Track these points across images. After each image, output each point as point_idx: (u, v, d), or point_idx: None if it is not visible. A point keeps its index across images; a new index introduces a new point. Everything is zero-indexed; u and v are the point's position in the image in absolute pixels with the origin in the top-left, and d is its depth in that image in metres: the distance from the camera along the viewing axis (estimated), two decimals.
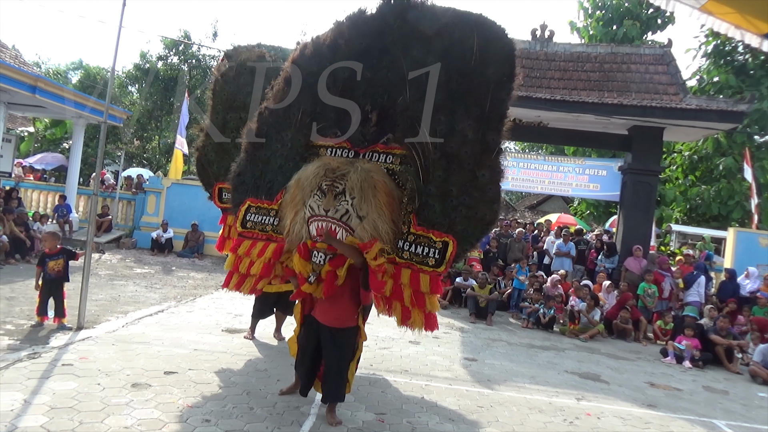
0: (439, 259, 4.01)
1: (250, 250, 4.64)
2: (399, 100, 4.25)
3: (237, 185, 4.85)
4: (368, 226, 3.94)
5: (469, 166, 4.03)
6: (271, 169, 4.66)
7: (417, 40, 4.21)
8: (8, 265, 9.86)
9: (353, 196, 3.94)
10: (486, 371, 6.41)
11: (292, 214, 4.21)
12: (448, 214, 4.04)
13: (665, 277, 10.72)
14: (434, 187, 4.07)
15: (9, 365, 4.75)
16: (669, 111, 11.48)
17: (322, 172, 4.08)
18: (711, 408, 6.08)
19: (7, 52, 14.50)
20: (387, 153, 4.34)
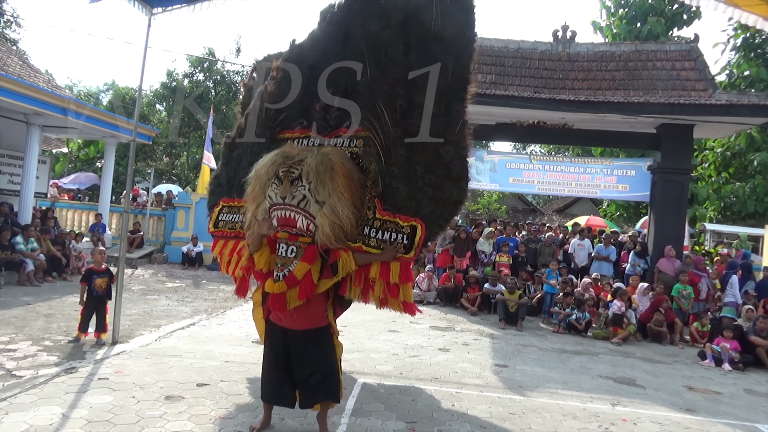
0: (408, 245, 3.87)
1: (223, 250, 4.69)
2: (360, 80, 4.15)
3: (214, 188, 4.93)
4: (327, 210, 3.75)
5: (432, 143, 3.90)
6: (243, 168, 4.57)
7: (374, 14, 4.11)
8: (46, 283, 10.16)
9: (309, 181, 3.76)
10: (517, 377, 6.32)
11: (253, 207, 4.06)
12: (414, 196, 3.90)
13: (701, 277, 10.44)
14: (397, 168, 3.93)
15: (48, 380, 4.88)
16: (698, 107, 11.23)
17: (279, 160, 3.91)
18: (753, 412, 5.88)
19: (40, 76, 15.00)
20: (350, 137, 4.23)
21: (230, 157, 4.78)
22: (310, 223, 3.75)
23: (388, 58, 4.01)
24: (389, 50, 4.02)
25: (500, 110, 12.39)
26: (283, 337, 3.88)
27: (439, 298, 10.97)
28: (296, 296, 3.68)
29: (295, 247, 3.71)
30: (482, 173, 13.78)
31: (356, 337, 7.52)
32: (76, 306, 8.08)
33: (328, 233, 3.73)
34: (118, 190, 21.85)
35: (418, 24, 3.98)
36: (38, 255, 10.25)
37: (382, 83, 4.01)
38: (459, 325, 9.22)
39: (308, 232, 3.75)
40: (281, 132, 4.52)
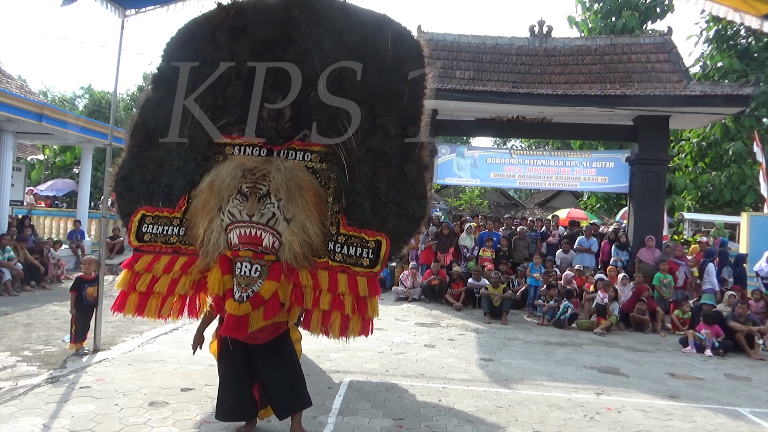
0: (374, 259, 3.84)
1: (152, 265, 4.00)
2: (311, 95, 4.04)
3: (123, 192, 4.21)
4: (296, 228, 3.68)
5: (396, 161, 3.91)
6: (167, 172, 4.11)
7: (328, 33, 4.06)
8: (24, 292, 9.96)
9: (279, 198, 3.67)
10: (503, 371, 6.36)
11: (205, 222, 3.78)
12: (379, 212, 3.89)
13: (680, 266, 10.62)
14: (361, 185, 3.90)
15: (28, 391, 4.79)
16: (673, 99, 11.41)
17: (239, 173, 3.72)
18: (734, 396, 5.99)
19: (12, 82, 14.71)
20: (305, 150, 4.06)
21: (144, 157, 4.15)
22: (276, 240, 3.67)
23: (344, 78, 3.97)
24: (345, 71, 3.97)
25: (479, 106, 12.46)
26: (243, 352, 3.80)
27: (423, 294, 10.99)
28: (260, 317, 3.61)
29: (259, 266, 3.63)
30: (463, 169, 13.84)
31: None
32: (56, 315, 7.99)
33: (296, 251, 3.66)
34: (96, 195, 21.53)
35: (373, 51, 4.00)
36: (15, 264, 10.05)
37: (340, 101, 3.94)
38: (444, 321, 9.25)
39: (273, 249, 3.68)
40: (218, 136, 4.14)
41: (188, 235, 4.00)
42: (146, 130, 4.16)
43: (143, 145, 4.16)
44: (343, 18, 4.09)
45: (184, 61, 4.14)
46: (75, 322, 6.17)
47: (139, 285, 3.98)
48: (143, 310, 3.98)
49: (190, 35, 4.27)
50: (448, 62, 12.96)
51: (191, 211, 3.95)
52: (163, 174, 4.12)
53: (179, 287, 3.93)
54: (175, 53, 4.26)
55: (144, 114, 4.24)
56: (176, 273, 3.94)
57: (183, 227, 4.04)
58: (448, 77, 12.49)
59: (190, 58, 4.17)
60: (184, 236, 4.01)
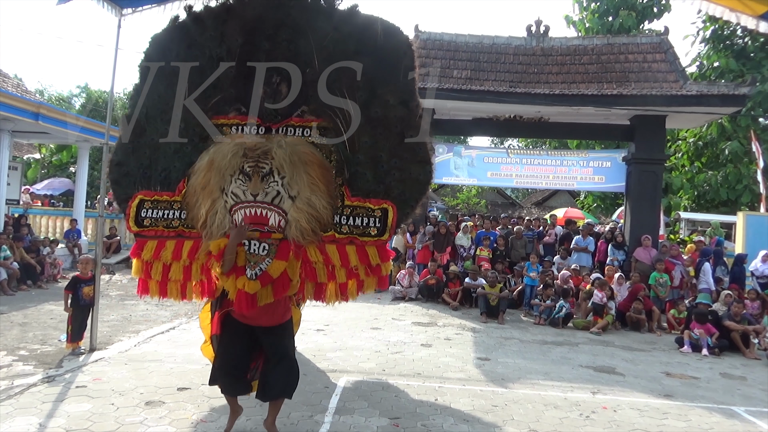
0: (381, 228, 3.87)
1: (160, 252, 3.95)
2: (307, 71, 4.07)
3: (118, 178, 4.14)
4: (302, 205, 3.67)
5: (396, 129, 3.96)
6: (164, 156, 4.06)
7: (320, 14, 4.13)
8: (20, 292, 9.94)
9: (283, 175, 3.66)
10: (499, 370, 6.37)
11: (207, 204, 3.75)
12: (382, 179, 3.92)
13: (675, 265, 10.64)
14: (363, 154, 3.93)
15: (24, 390, 4.79)
16: (670, 98, 11.44)
17: (240, 152, 3.70)
18: (729, 395, 6.02)
19: (9, 81, 14.67)
20: (303, 126, 4.05)
21: (139, 142, 4.09)
22: (282, 219, 3.68)
23: (338, 54, 4.01)
24: (338, 47, 4.02)
25: (476, 105, 12.47)
26: (244, 329, 3.80)
27: (420, 293, 11.00)
28: (269, 294, 3.62)
29: (267, 245, 3.64)
30: (460, 168, 13.85)
31: (338, 336, 7.51)
32: (52, 314, 7.97)
33: (304, 227, 3.66)
34: (93, 194, 21.49)
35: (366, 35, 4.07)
36: (11, 263, 10.03)
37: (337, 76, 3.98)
38: (441, 320, 9.26)
39: (279, 228, 3.68)
40: (213, 117, 4.09)
41: (189, 218, 3.96)
42: (138, 117, 4.13)
43: (137, 131, 4.12)
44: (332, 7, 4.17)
45: (172, 45, 4.13)
46: (71, 322, 6.15)
47: (153, 274, 3.96)
48: (165, 293, 4.04)
49: (177, 22, 4.28)
50: (445, 62, 12.97)
51: (189, 191, 3.90)
52: (159, 158, 4.07)
53: (194, 275, 3.94)
54: (163, 39, 4.24)
55: (135, 102, 4.21)
56: (186, 260, 3.90)
57: (184, 210, 4.00)
58: (445, 77, 12.50)
59: (177, 42, 4.14)
60: (186, 219, 3.98)
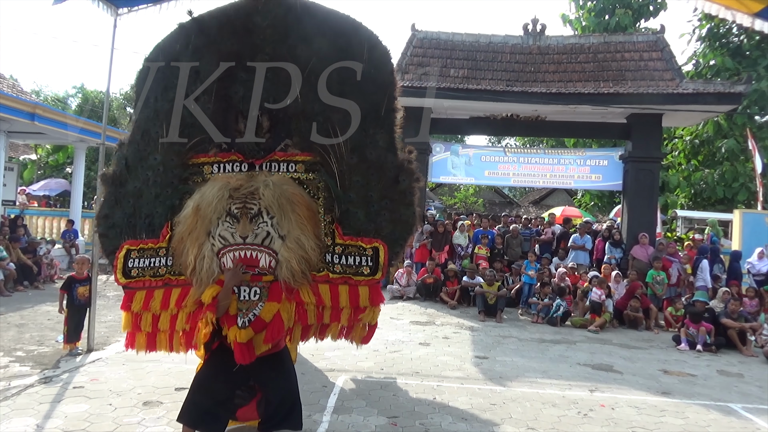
0: (374, 266, 3.79)
1: (149, 303, 3.78)
2: (289, 103, 3.91)
3: (106, 231, 4.00)
4: (292, 244, 3.58)
5: (391, 173, 3.87)
6: (146, 203, 3.92)
7: (299, 40, 3.93)
8: (17, 292, 9.92)
9: (272, 216, 3.57)
10: (497, 368, 6.38)
11: (195, 249, 3.62)
12: (373, 219, 3.84)
13: (672, 263, 10.67)
14: (354, 193, 3.82)
15: (21, 391, 4.78)
16: (666, 97, 11.46)
17: (225, 194, 3.59)
18: (726, 392, 6.04)
19: (4, 81, 14.64)
20: (288, 161, 3.90)
21: (121, 192, 3.97)
22: (272, 260, 3.59)
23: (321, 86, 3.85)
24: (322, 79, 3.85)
25: (473, 104, 12.48)
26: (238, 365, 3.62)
27: (418, 292, 11.00)
28: (262, 341, 3.54)
29: (258, 288, 3.57)
30: (458, 167, 13.85)
31: None
32: (49, 315, 7.95)
33: (295, 268, 3.57)
34: (90, 195, 21.42)
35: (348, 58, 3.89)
36: (8, 264, 10.00)
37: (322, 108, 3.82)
38: (439, 319, 9.26)
39: (270, 269, 3.60)
40: (194, 156, 3.94)
41: (176, 264, 3.83)
42: (121, 168, 4.00)
43: (120, 182, 4.00)
44: (312, 24, 3.94)
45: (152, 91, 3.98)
46: (67, 322, 6.15)
47: (143, 326, 3.81)
48: (154, 346, 3.88)
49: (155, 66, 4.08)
50: (442, 61, 12.96)
51: (176, 239, 3.78)
52: (142, 205, 3.93)
53: (179, 324, 3.78)
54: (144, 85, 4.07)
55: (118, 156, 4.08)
56: (173, 309, 3.76)
57: (170, 256, 3.83)
58: (442, 76, 12.49)
59: (157, 85, 3.99)
60: (173, 266, 3.82)
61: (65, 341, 6.12)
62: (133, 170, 3.96)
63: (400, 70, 12.65)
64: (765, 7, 5.37)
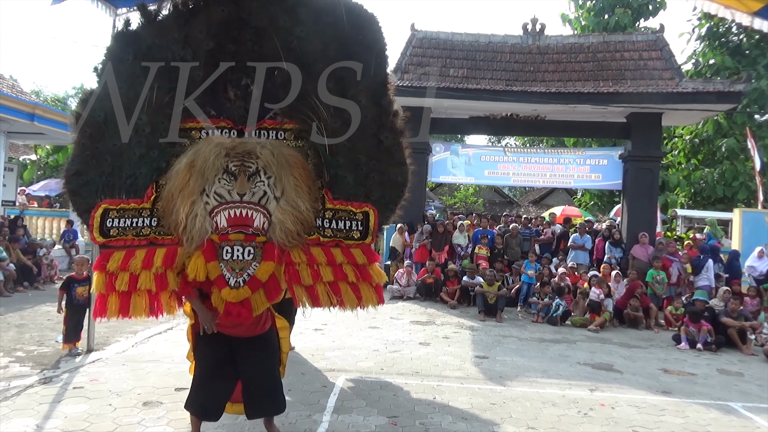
0: (364, 231, 3.81)
1: (128, 262, 3.61)
2: (275, 73, 3.89)
3: (77, 188, 3.77)
4: (287, 206, 3.57)
5: (371, 130, 3.85)
6: (128, 162, 3.76)
7: (282, 11, 3.89)
8: (17, 293, 9.92)
9: (269, 176, 3.57)
10: (497, 368, 6.38)
11: (186, 207, 3.52)
12: (362, 182, 3.84)
13: (673, 262, 10.67)
14: (342, 157, 3.82)
15: (21, 391, 4.77)
16: (666, 96, 11.47)
17: (222, 152, 3.56)
18: (726, 391, 6.03)
19: (4, 82, 14.61)
20: (277, 129, 3.92)
21: (99, 149, 3.76)
22: (266, 221, 3.58)
23: (305, 53, 3.84)
24: (305, 45, 3.84)
25: (473, 104, 12.49)
26: (227, 344, 3.67)
27: (418, 292, 11.00)
28: (264, 300, 3.52)
29: (252, 248, 3.53)
30: (457, 167, 13.86)
31: (336, 335, 7.51)
32: (49, 316, 7.95)
33: (289, 229, 3.57)
34: None
35: (331, 23, 3.87)
36: (7, 265, 10.00)
37: (307, 77, 3.81)
38: (439, 319, 9.26)
39: (263, 230, 3.58)
40: (182, 121, 3.85)
41: (162, 225, 3.74)
42: (96, 121, 3.79)
43: (95, 137, 3.78)
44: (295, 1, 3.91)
45: (132, 49, 3.85)
46: (66, 322, 6.15)
47: (118, 285, 3.59)
48: (128, 310, 3.62)
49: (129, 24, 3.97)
50: (441, 60, 12.97)
51: (165, 197, 3.69)
52: (123, 164, 3.77)
53: (171, 282, 3.65)
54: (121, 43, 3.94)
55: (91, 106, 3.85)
56: (159, 268, 3.61)
57: (155, 217, 3.73)
58: (441, 75, 12.50)
59: (137, 46, 3.87)
60: (158, 226, 3.71)
61: (64, 341, 6.12)
62: (112, 126, 3.78)
63: (399, 69, 12.70)
64: (764, 6, 5.37)
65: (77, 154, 3.81)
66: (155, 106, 3.76)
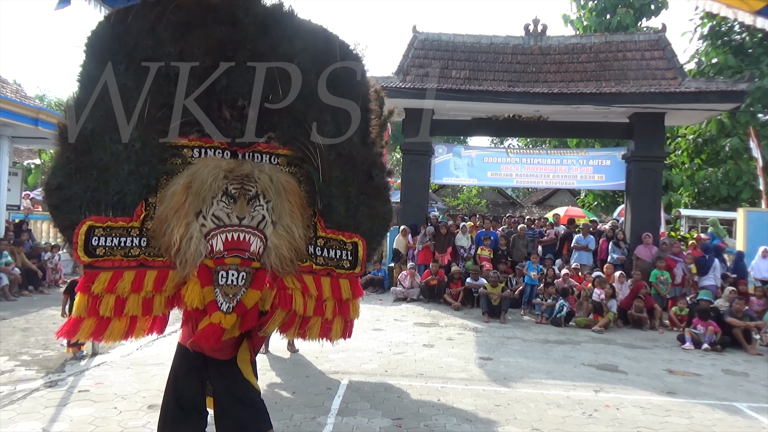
0: (353, 261, 3.81)
1: (116, 284, 3.40)
2: (270, 97, 3.83)
3: (59, 203, 3.55)
4: (282, 231, 3.54)
5: (363, 166, 3.89)
6: (116, 178, 3.57)
7: (279, 39, 3.87)
8: (22, 297, 9.96)
9: (268, 200, 3.54)
10: (502, 369, 6.38)
11: (181, 229, 3.41)
12: (353, 214, 3.86)
13: (677, 262, 10.64)
14: (335, 188, 3.83)
15: (27, 395, 4.79)
16: (668, 95, 11.45)
17: (221, 174, 3.49)
18: (732, 391, 6.01)
19: (8, 87, 14.68)
20: (271, 153, 3.85)
21: (83, 163, 3.57)
22: (262, 245, 3.52)
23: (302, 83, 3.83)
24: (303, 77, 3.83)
25: (475, 105, 12.50)
26: (202, 363, 3.57)
27: (422, 294, 11.00)
28: (237, 327, 3.42)
29: (245, 273, 3.45)
30: (460, 168, 13.87)
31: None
32: (54, 319, 7.98)
33: (284, 255, 3.52)
34: None
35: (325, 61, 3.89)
36: (12, 269, 10.04)
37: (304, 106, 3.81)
38: (443, 321, 9.26)
39: (258, 255, 3.53)
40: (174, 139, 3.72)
41: (153, 246, 3.57)
42: (82, 133, 3.60)
43: (80, 149, 3.59)
44: (292, 25, 3.92)
45: (120, 57, 3.69)
46: None
47: (102, 310, 3.35)
48: (101, 333, 3.37)
49: (123, 28, 3.79)
50: (443, 62, 12.99)
51: (158, 218, 3.55)
52: (110, 180, 3.58)
53: (156, 308, 3.48)
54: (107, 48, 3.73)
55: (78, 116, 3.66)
56: (150, 292, 3.44)
57: (144, 237, 3.59)
58: (443, 77, 12.52)
59: (127, 53, 3.72)
60: (148, 247, 3.52)
61: (68, 345, 6.15)
62: (99, 140, 3.60)
63: (401, 71, 12.72)
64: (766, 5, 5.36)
65: (59, 166, 3.61)
66: (147, 120, 3.62)
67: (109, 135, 3.59)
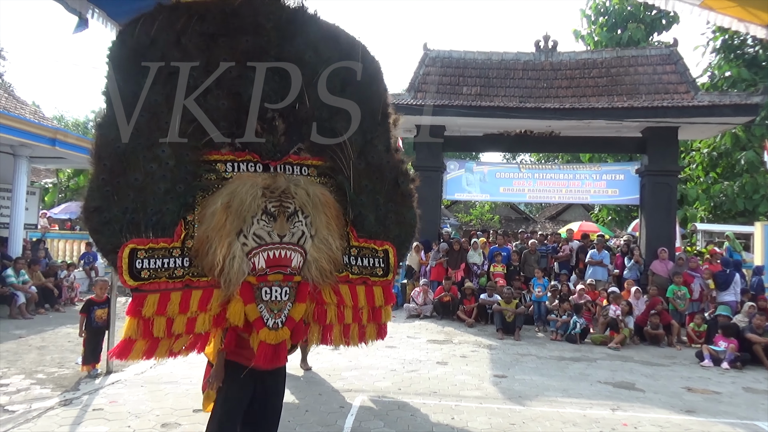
0: (385, 268, 3.92)
1: (165, 308, 3.38)
2: (297, 107, 3.85)
3: (98, 227, 3.47)
4: (320, 244, 3.56)
5: (390, 174, 4.00)
6: (152, 197, 3.51)
7: (304, 45, 3.91)
8: (38, 315, 10.05)
9: (306, 215, 3.54)
10: (516, 387, 6.30)
11: (223, 248, 3.38)
12: (382, 222, 3.95)
13: (695, 277, 10.48)
14: (365, 197, 3.90)
15: (42, 413, 4.82)
16: (681, 110, 11.40)
17: (259, 192, 3.46)
18: (753, 409, 5.88)
19: (27, 108, 14.99)
20: (301, 165, 3.87)
21: (119, 183, 3.49)
22: (302, 260, 3.53)
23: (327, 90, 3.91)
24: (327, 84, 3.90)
25: (487, 121, 12.51)
26: (249, 377, 3.52)
27: (435, 311, 10.94)
28: (289, 340, 3.51)
29: (288, 288, 3.48)
30: (472, 184, 13.85)
31: (353, 354, 7.46)
32: (70, 337, 8.04)
33: (324, 268, 3.56)
34: None
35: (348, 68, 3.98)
36: (29, 287, 10.16)
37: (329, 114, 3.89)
38: (456, 338, 9.19)
39: (298, 270, 3.54)
40: (206, 153, 3.67)
41: (195, 266, 3.52)
42: (115, 153, 3.51)
43: (115, 170, 3.50)
44: (316, 30, 3.96)
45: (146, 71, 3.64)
46: (85, 345, 6.22)
47: (156, 331, 3.36)
48: (153, 353, 3.39)
49: (149, 41, 3.71)
50: (454, 79, 13.07)
51: (199, 238, 3.52)
52: (147, 200, 3.51)
53: (198, 326, 3.44)
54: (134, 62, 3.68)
55: (109, 134, 3.56)
56: (195, 312, 3.43)
57: (186, 257, 3.50)
58: (455, 94, 12.59)
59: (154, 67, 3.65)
60: (191, 267, 3.49)
61: (83, 363, 6.19)
62: (133, 159, 3.53)
63: (412, 88, 12.80)
64: None
65: (95, 188, 3.52)
66: (178, 136, 3.56)
67: (143, 153, 3.52)
